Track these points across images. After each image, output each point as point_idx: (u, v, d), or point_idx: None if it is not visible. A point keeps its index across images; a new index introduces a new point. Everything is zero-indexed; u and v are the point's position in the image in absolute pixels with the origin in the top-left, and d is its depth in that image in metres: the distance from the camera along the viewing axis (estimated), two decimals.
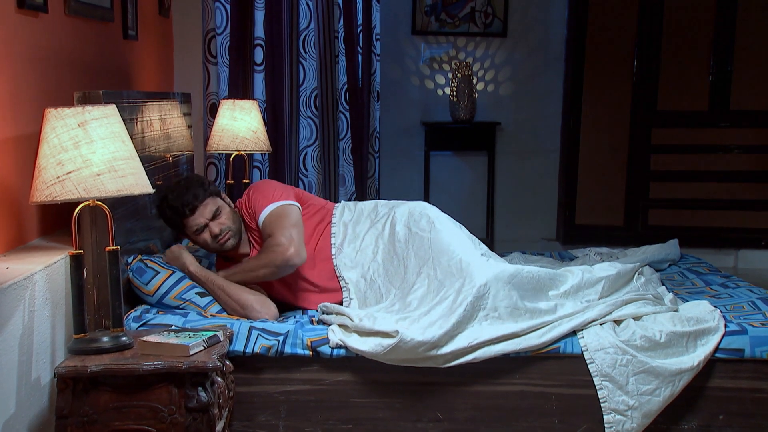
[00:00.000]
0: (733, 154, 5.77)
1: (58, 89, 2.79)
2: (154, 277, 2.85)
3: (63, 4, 2.87)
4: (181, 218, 3.02)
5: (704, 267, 3.62)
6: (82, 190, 2.20)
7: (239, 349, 2.67)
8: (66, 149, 2.20)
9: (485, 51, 6.08)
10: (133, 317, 2.75)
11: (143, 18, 3.93)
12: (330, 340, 2.70)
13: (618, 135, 5.86)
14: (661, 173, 5.85)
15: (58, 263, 2.43)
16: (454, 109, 5.87)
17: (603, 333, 2.69)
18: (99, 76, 3.27)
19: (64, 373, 2.21)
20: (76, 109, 2.23)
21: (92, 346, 2.30)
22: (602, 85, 5.83)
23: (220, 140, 3.98)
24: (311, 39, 4.73)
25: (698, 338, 2.70)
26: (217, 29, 4.50)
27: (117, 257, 2.35)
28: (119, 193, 2.24)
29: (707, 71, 5.73)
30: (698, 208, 5.83)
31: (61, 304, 2.44)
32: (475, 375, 2.71)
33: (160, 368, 2.24)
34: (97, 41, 3.29)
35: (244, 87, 4.64)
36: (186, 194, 3.00)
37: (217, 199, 3.07)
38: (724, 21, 5.66)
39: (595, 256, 3.70)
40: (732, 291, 3.18)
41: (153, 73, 4.19)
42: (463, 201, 6.07)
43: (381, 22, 4.95)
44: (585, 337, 2.69)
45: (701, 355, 2.67)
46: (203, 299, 2.89)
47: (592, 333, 2.70)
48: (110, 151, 2.25)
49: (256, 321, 2.78)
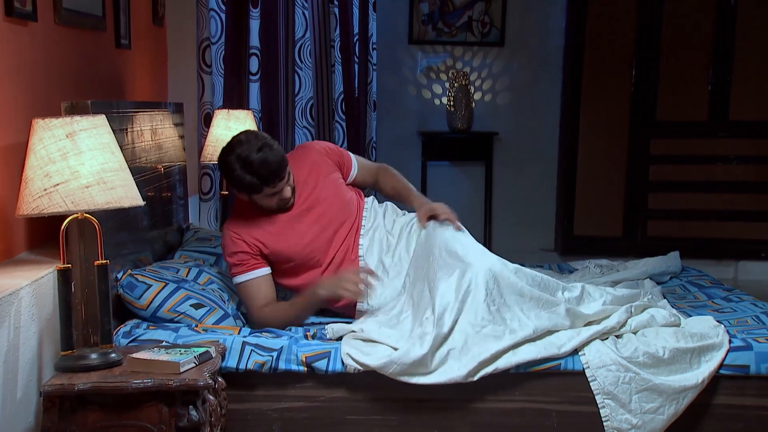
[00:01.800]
0: (732, 164, 5.72)
1: (47, 99, 2.73)
2: (147, 290, 2.78)
3: (53, 13, 2.82)
4: (265, 185, 2.89)
5: (706, 280, 3.56)
6: (70, 202, 2.14)
7: (232, 364, 2.61)
8: (53, 161, 2.15)
9: (482, 60, 6.05)
10: (123, 333, 2.68)
11: (136, 27, 3.88)
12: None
13: (616, 145, 5.81)
14: (660, 184, 5.80)
15: (46, 278, 2.36)
16: (451, 119, 5.83)
17: (604, 350, 2.63)
18: (90, 85, 3.21)
19: (50, 392, 2.14)
20: (64, 120, 2.18)
21: (80, 363, 2.24)
22: (600, 94, 5.79)
23: (215, 150, 3.93)
24: (307, 48, 4.71)
25: (702, 354, 2.63)
26: (212, 38, 4.47)
27: (106, 271, 2.29)
28: (108, 206, 2.19)
29: (707, 81, 5.69)
30: (698, 219, 5.78)
31: (48, 320, 2.37)
32: (474, 391, 2.64)
33: (149, 386, 2.17)
34: (89, 50, 3.24)
35: (239, 97, 4.61)
36: (273, 161, 2.85)
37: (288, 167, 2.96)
38: (724, 30, 5.63)
39: (594, 269, 3.65)
40: (735, 305, 3.12)
41: (146, 82, 4.14)
42: (460, 211, 5.90)
43: (377, 31, 4.93)
44: (586, 353, 2.63)
45: (705, 372, 2.60)
46: (198, 311, 2.82)
47: (593, 349, 2.64)
48: (99, 162, 2.19)
49: (249, 336, 2.71)
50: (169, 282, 2.85)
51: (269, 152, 2.87)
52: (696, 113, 5.73)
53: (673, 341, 2.66)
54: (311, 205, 3.08)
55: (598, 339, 2.67)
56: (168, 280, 2.86)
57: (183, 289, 2.86)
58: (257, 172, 2.86)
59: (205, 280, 3.03)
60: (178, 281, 2.89)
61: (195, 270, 3.06)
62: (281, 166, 2.90)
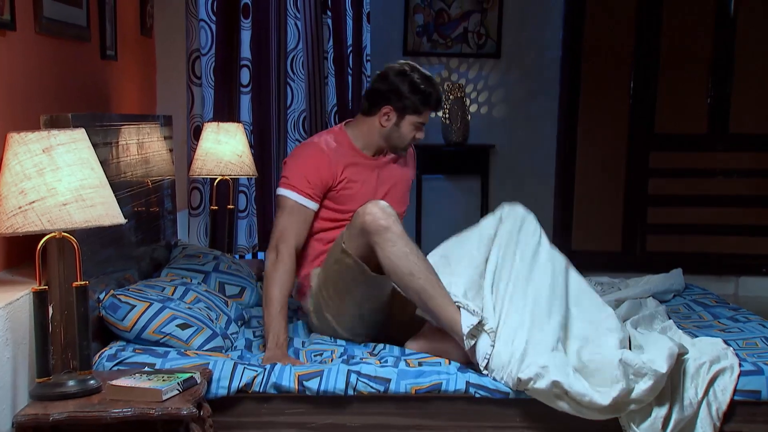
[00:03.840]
0: (733, 178, 5.65)
1: (26, 112, 2.62)
2: (130, 311, 2.67)
3: (33, 22, 2.70)
4: (428, 108, 3.05)
5: (711, 299, 3.45)
6: (47, 221, 2.04)
7: (223, 386, 2.49)
8: (29, 177, 2.05)
9: (478, 72, 5.97)
10: (108, 356, 2.57)
11: (123, 37, 3.78)
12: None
13: (615, 158, 5.73)
14: (659, 198, 5.71)
15: (22, 300, 2.25)
16: (446, 132, 5.74)
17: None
18: (74, 98, 3.11)
19: (23, 422, 2.03)
20: (40, 134, 2.08)
21: (56, 391, 2.13)
22: (598, 107, 5.71)
23: (204, 164, 3.86)
24: (300, 60, 4.64)
25: (714, 381, 2.52)
26: (202, 49, 4.40)
27: (86, 293, 2.18)
28: (87, 225, 2.09)
29: (706, 93, 5.61)
30: (698, 234, 5.69)
31: (23, 345, 2.25)
32: (473, 418, 2.54)
33: (129, 415, 2.07)
34: (72, 61, 3.13)
35: (230, 109, 4.53)
36: (438, 89, 3.05)
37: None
38: (723, 41, 5.56)
39: (595, 286, 3.54)
40: (742, 325, 3.01)
41: (134, 94, 4.03)
42: (455, 226, 5.82)
43: (371, 42, 4.86)
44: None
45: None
46: (185, 332, 2.71)
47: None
48: (78, 178, 2.09)
49: (240, 358, 2.60)
50: (154, 302, 2.74)
51: (435, 81, 3.08)
52: (695, 126, 5.65)
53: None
54: (394, 179, 3.21)
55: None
56: (153, 300, 2.75)
57: (169, 309, 2.74)
58: (435, 89, 3.02)
59: (192, 298, 2.91)
60: (164, 300, 2.78)
61: (182, 288, 2.95)
62: (439, 99, 3.07)
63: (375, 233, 2.72)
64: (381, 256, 2.72)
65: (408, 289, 2.72)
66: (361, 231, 2.75)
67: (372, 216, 2.73)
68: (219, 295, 3.14)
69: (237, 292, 3.33)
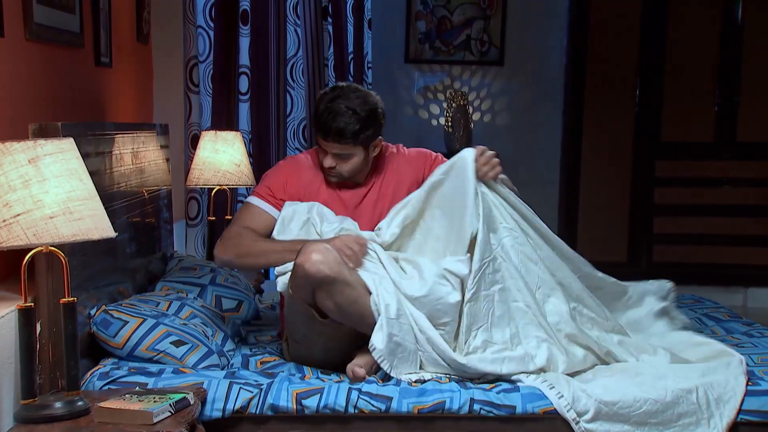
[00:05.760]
0: (740, 187, 5.58)
1: (15, 121, 2.53)
2: (123, 327, 2.57)
3: (23, 28, 2.62)
4: (320, 134, 2.82)
5: (723, 312, 3.37)
6: (32, 235, 1.95)
7: (218, 408, 2.39)
8: (14, 189, 1.96)
9: (481, 80, 5.92)
10: (100, 374, 2.47)
11: (119, 44, 3.70)
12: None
13: (620, 167, 5.67)
14: (665, 207, 5.65)
15: (7, 317, 2.15)
16: (449, 140, 5.67)
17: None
18: (66, 106, 3.02)
19: None
20: (26, 144, 1.99)
21: (42, 413, 2.03)
22: (603, 115, 5.65)
23: (201, 174, 3.79)
24: (299, 67, 4.59)
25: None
26: (200, 56, 4.35)
27: (74, 310, 2.09)
28: (75, 239, 1.99)
29: (713, 101, 5.56)
30: (705, 244, 5.63)
31: (9, 364, 2.16)
32: None
33: None
34: (64, 69, 3.04)
35: (228, 117, 4.49)
36: (338, 120, 2.76)
37: (358, 149, 2.82)
38: (730, 48, 5.50)
39: None
40: (757, 341, 2.93)
41: (130, 102, 3.96)
42: None
43: (373, 49, 4.81)
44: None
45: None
46: (179, 349, 2.61)
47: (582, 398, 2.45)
48: (65, 190, 2.00)
49: (236, 375, 2.50)
50: (148, 317, 2.65)
51: (345, 112, 2.76)
52: (702, 134, 5.60)
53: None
54: (362, 215, 2.93)
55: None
56: (146, 316, 2.65)
57: (163, 325, 2.65)
58: (319, 114, 2.79)
59: (188, 314, 2.82)
60: (158, 316, 2.69)
61: (177, 303, 2.86)
62: (341, 132, 2.76)
63: (318, 284, 2.58)
64: (328, 307, 2.62)
65: (362, 327, 2.63)
66: (306, 282, 2.60)
67: (313, 265, 2.56)
68: (215, 310, 3.06)
69: (234, 306, 3.24)
